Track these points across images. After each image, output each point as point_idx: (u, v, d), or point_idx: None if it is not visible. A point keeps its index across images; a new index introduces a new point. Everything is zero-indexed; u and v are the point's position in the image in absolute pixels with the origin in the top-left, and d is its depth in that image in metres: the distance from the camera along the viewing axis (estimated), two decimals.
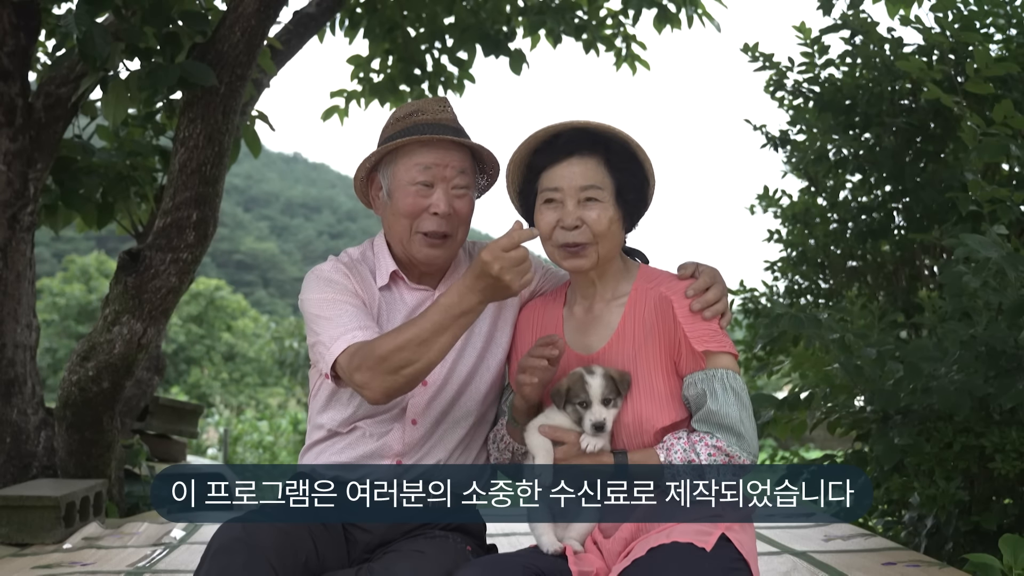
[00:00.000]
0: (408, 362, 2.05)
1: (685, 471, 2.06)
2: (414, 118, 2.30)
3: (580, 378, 2.10)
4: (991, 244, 3.14)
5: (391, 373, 2.06)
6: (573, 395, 2.10)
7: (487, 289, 2.03)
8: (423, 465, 2.31)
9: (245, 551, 1.96)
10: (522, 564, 2.03)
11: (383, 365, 2.06)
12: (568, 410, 2.11)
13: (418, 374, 2.09)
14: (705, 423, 2.08)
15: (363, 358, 2.09)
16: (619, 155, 2.16)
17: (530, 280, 2.06)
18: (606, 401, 2.08)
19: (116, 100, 4.20)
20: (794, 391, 3.94)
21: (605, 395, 2.08)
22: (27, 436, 4.51)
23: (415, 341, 2.05)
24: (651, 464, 2.08)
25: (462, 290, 2.05)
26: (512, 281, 2.00)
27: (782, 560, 3.00)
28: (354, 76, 6.79)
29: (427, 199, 2.26)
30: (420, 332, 2.05)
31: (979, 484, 3.42)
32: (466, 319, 2.07)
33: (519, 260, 2.00)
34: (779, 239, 5.52)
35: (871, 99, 4.36)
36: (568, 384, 2.11)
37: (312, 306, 2.26)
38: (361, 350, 2.10)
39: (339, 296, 2.25)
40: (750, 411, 2.10)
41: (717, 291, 2.15)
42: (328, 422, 2.34)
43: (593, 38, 6.71)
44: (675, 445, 2.07)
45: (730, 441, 2.06)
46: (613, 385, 2.09)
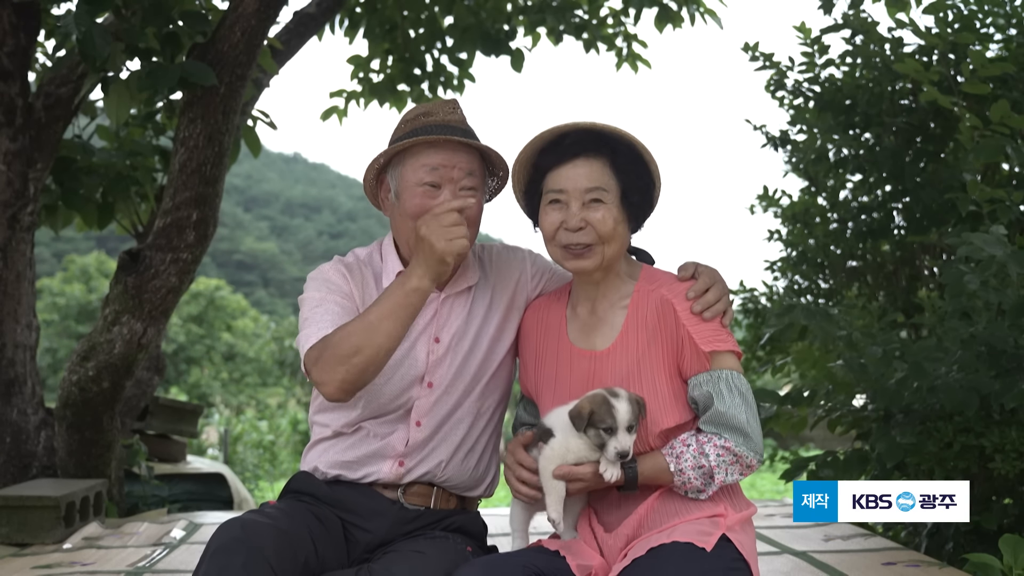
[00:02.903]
0: (357, 348, 2.04)
1: (695, 475, 2.07)
2: (423, 119, 2.30)
3: (605, 402, 2.01)
4: (996, 242, 3.14)
5: (342, 363, 2.04)
6: (598, 420, 2.02)
7: (420, 256, 2.06)
8: (425, 465, 2.31)
9: (244, 551, 1.96)
10: (522, 564, 2.03)
11: (334, 354, 2.05)
12: (590, 434, 2.03)
13: (369, 363, 2.05)
14: (713, 424, 2.08)
15: (319, 351, 2.09)
16: (625, 157, 2.16)
17: (463, 246, 2.07)
18: (629, 428, 2.02)
19: (118, 100, 4.20)
20: (796, 388, 3.95)
21: (630, 421, 2.02)
22: (27, 436, 4.51)
23: (362, 326, 2.06)
24: (661, 474, 2.09)
25: (407, 270, 2.10)
26: (436, 238, 2.03)
27: (782, 560, 3.00)
28: (354, 76, 6.79)
29: (434, 200, 2.24)
30: (368, 317, 2.07)
31: (979, 484, 3.42)
32: (410, 298, 2.07)
33: (447, 222, 2.04)
34: (779, 239, 5.52)
35: (871, 99, 4.36)
36: (591, 408, 2.03)
37: (302, 306, 2.28)
38: (319, 344, 2.11)
39: (329, 296, 2.25)
40: (755, 411, 2.11)
41: (717, 291, 2.15)
42: (332, 422, 2.34)
43: (594, 37, 6.71)
44: (684, 453, 2.07)
45: (738, 441, 2.07)
46: (637, 410, 2.03)
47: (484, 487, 2.42)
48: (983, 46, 4.14)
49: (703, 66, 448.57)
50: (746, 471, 2.09)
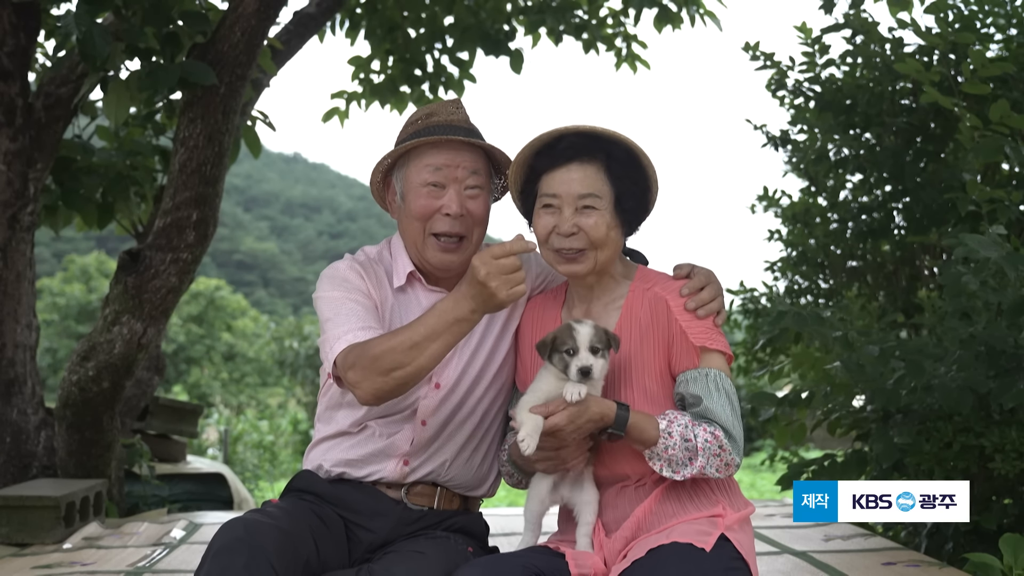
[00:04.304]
0: (399, 364, 2.03)
1: (680, 446, 2.05)
2: (426, 120, 2.30)
3: (568, 327, 2.05)
4: (991, 244, 3.15)
5: (382, 374, 2.04)
6: (560, 343, 2.05)
7: (477, 296, 1.98)
8: (429, 465, 2.31)
9: (247, 551, 1.96)
10: (521, 564, 2.03)
11: (374, 365, 2.04)
12: (554, 360, 2.06)
13: (408, 378, 2.05)
14: (701, 418, 2.08)
15: (357, 357, 2.08)
16: (620, 162, 2.15)
17: (522, 292, 1.99)
18: (594, 350, 2.02)
19: (117, 100, 4.20)
20: (794, 390, 3.95)
21: (593, 343, 2.02)
22: (27, 436, 4.50)
23: (407, 344, 2.03)
24: (649, 429, 2.05)
25: (456, 296, 2.02)
26: (498, 289, 1.95)
27: (782, 560, 3.00)
28: (355, 77, 6.79)
29: (439, 200, 2.25)
30: (413, 336, 2.03)
31: (979, 484, 3.42)
32: (459, 327, 2.02)
33: (508, 269, 1.95)
34: (779, 239, 5.52)
35: (872, 99, 4.36)
36: (555, 334, 2.07)
37: (322, 304, 2.26)
38: (356, 349, 2.10)
39: (348, 295, 2.24)
40: (739, 414, 2.12)
41: (712, 291, 2.15)
42: (339, 420, 2.34)
43: (593, 37, 6.71)
44: (677, 419, 2.07)
45: (725, 436, 2.07)
46: (603, 336, 2.04)
47: (487, 487, 2.42)
48: (983, 46, 4.14)
49: (703, 66, 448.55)
50: (724, 469, 2.08)
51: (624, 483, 2.18)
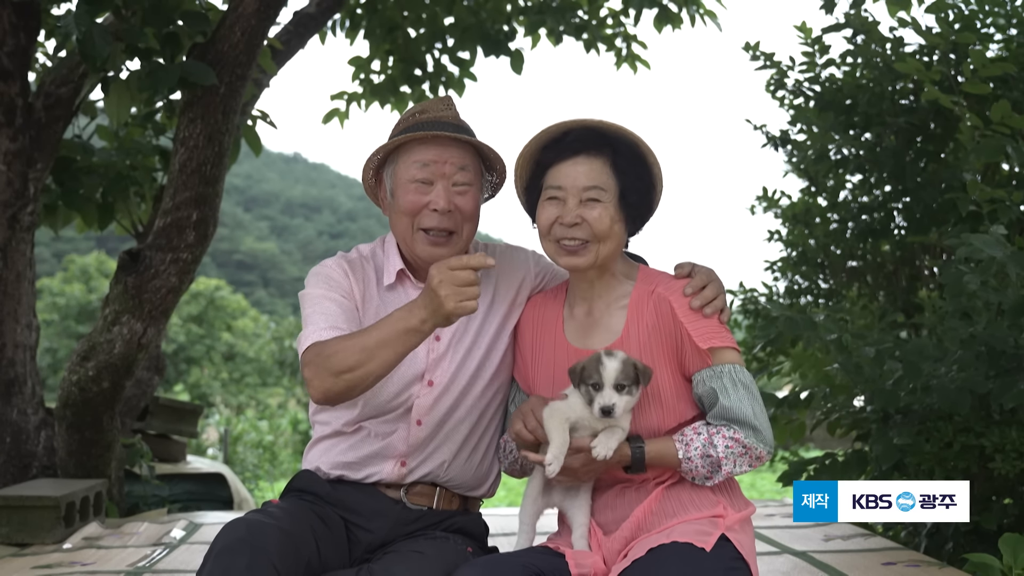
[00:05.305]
0: (349, 368, 2.04)
1: (702, 464, 2.07)
2: (417, 117, 2.31)
3: (596, 360, 2.03)
4: (995, 243, 3.14)
5: (333, 375, 2.05)
6: (587, 376, 2.04)
7: (428, 305, 1.98)
8: (428, 465, 2.31)
9: (249, 552, 1.96)
10: (521, 564, 2.03)
11: (326, 365, 2.06)
12: (581, 391, 2.05)
13: (358, 382, 2.05)
14: (721, 419, 2.09)
15: (314, 355, 2.09)
16: (626, 157, 2.15)
17: (472, 308, 1.97)
18: (620, 387, 2.01)
19: (118, 100, 4.20)
20: (794, 391, 3.95)
21: (619, 380, 2.01)
22: (27, 436, 4.50)
23: (358, 348, 2.04)
24: (668, 458, 2.09)
25: (411, 304, 2.03)
26: (447, 298, 1.95)
27: (782, 560, 3.00)
28: (355, 77, 6.79)
29: (426, 196, 2.25)
30: (366, 341, 2.04)
31: (979, 484, 3.42)
32: (408, 338, 2.02)
33: (462, 281, 1.95)
34: (779, 239, 5.52)
35: (872, 99, 4.36)
36: (584, 364, 2.06)
37: (303, 301, 2.29)
38: (315, 348, 2.11)
39: (327, 294, 2.26)
40: (761, 403, 2.12)
41: (714, 288, 2.15)
42: (333, 420, 2.34)
43: (593, 38, 6.71)
44: (694, 441, 2.08)
45: (747, 434, 2.07)
46: (631, 372, 2.02)
47: (487, 486, 2.42)
48: (984, 46, 4.13)
49: (703, 66, 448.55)
50: (755, 462, 2.10)
51: (625, 484, 2.18)
